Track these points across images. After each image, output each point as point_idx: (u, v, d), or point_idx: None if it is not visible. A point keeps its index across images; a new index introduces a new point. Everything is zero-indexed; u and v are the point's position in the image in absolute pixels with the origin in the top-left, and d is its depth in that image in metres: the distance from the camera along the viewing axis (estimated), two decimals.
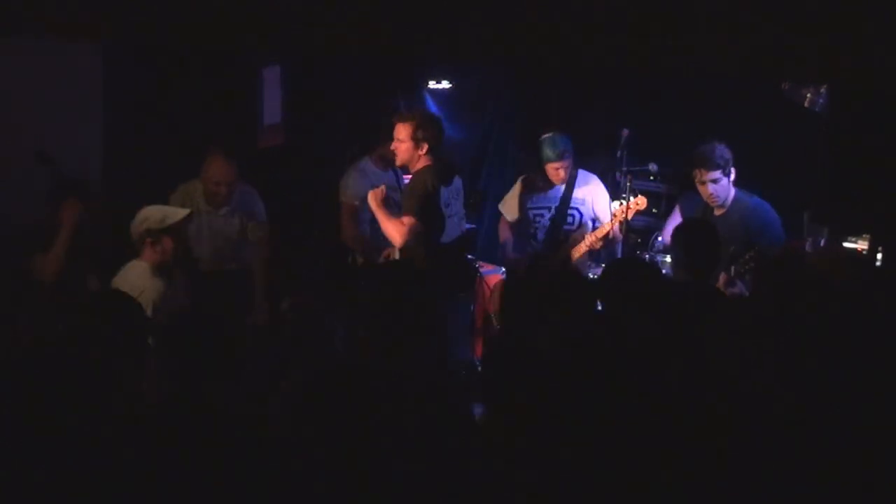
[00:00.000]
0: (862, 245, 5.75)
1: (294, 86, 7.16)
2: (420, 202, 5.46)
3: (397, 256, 5.58)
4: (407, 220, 5.42)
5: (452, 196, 5.68)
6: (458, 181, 5.76)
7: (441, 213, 5.58)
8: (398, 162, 5.65)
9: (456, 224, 5.72)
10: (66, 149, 5.62)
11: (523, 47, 4.12)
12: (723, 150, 5.44)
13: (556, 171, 6.01)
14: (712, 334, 3.72)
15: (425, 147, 5.51)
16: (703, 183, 5.48)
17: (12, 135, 5.67)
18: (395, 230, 5.45)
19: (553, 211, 6.08)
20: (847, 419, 3.18)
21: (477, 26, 4.02)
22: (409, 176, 6.14)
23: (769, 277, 4.23)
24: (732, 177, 5.47)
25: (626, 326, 3.66)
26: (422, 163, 5.53)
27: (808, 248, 5.50)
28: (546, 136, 6.06)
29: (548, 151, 5.99)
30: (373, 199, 5.57)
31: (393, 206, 6.14)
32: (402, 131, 5.52)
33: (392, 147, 5.59)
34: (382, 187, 5.64)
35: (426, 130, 5.51)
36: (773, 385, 3.33)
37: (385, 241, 5.72)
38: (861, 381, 3.34)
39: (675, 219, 6.23)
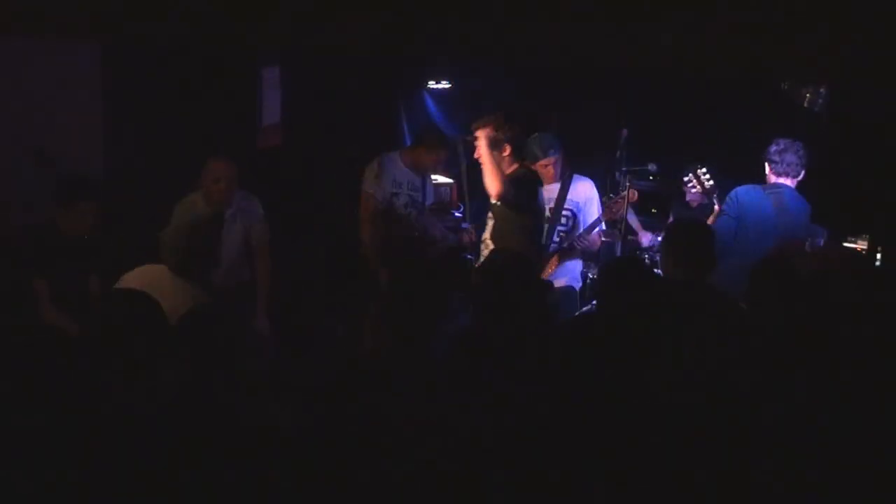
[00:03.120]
0: (862, 245, 5.76)
1: (294, 86, 7.16)
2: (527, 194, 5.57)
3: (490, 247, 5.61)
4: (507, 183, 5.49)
5: None
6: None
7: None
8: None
9: None
10: (66, 149, 5.63)
11: (523, 47, 4.12)
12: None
13: (544, 168, 6.01)
14: (709, 333, 3.72)
15: (508, 149, 5.57)
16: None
17: (12, 135, 5.67)
18: (497, 178, 5.45)
19: (547, 213, 6.07)
20: (846, 419, 3.18)
21: (477, 26, 4.03)
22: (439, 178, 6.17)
23: (767, 277, 4.23)
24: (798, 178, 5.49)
25: (622, 325, 3.65)
26: (511, 167, 5.59)
27: (807, 248, 5.50)
28: (531, 137, 6.09)
29: (534, 150, 6.01)
30: (483, 139, 5.54)
31: (414, 207, 6.13)
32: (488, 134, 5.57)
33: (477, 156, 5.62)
34: (490, 131, 5.60)
35: (507, 133, 5.59)
36: (771, 384, 3.33)
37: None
38: (861, 381, 3.34)
39: None
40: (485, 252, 5.72)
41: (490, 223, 5.76)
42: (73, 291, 4.95)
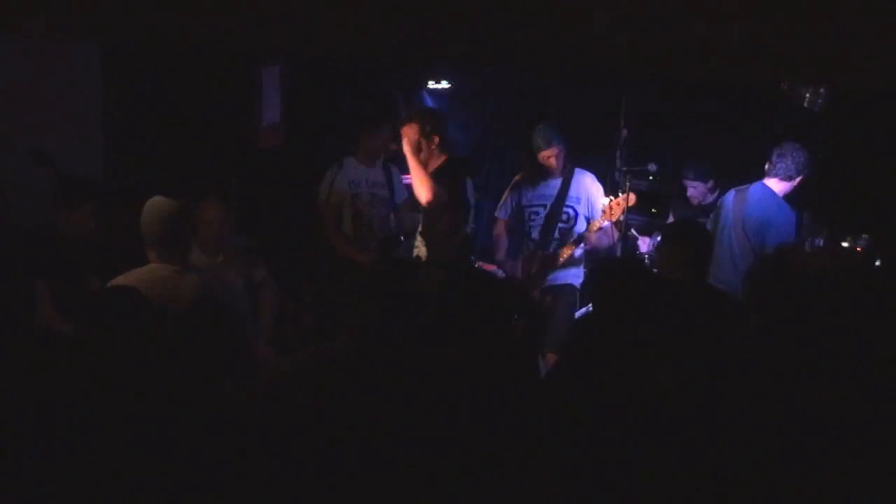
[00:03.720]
0: (862, 245, 5.76)
1: (294, 86, 7.16)
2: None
3: (423, 252, 5.59)
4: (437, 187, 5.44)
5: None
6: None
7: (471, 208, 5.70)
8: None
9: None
10: (66, 149, 5.62)
11: (523, 47, 4.12)
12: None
13: (547, 159, 6.04)
14: (708, 333, 3.72)
15: (436, 140, 5.56)
16: None
17: (12, 135, 5.66)
18: (425, 185, 5.43)
19: (548, 208, 6.08)
20: (846, 419, 3.18)
21: (477, 26, 4.02)
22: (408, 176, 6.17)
23: (766, 277, 4.23)
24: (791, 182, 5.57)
25: (618, 326, 3.65)
26: (440, 159, 5.56)
27: (807, 248, 5.51)
28: (535, 128, 6.12)
29: (537, 141, 6.06)
30: (407, 145, 5.55)
31: (380, 204, 6.13)
32: (410, 132, 5.55)
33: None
34: (413, 136, 5.60)
35: (432, 124, 5.57)
36: (771, 384, 3.33)
37: (368, 241, 5.82)
38: (860, 381, 3.34)
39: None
40: (420, 247, 5.74)
41: (421, 221, 5.80)
42: (74, 293, 4.95)
